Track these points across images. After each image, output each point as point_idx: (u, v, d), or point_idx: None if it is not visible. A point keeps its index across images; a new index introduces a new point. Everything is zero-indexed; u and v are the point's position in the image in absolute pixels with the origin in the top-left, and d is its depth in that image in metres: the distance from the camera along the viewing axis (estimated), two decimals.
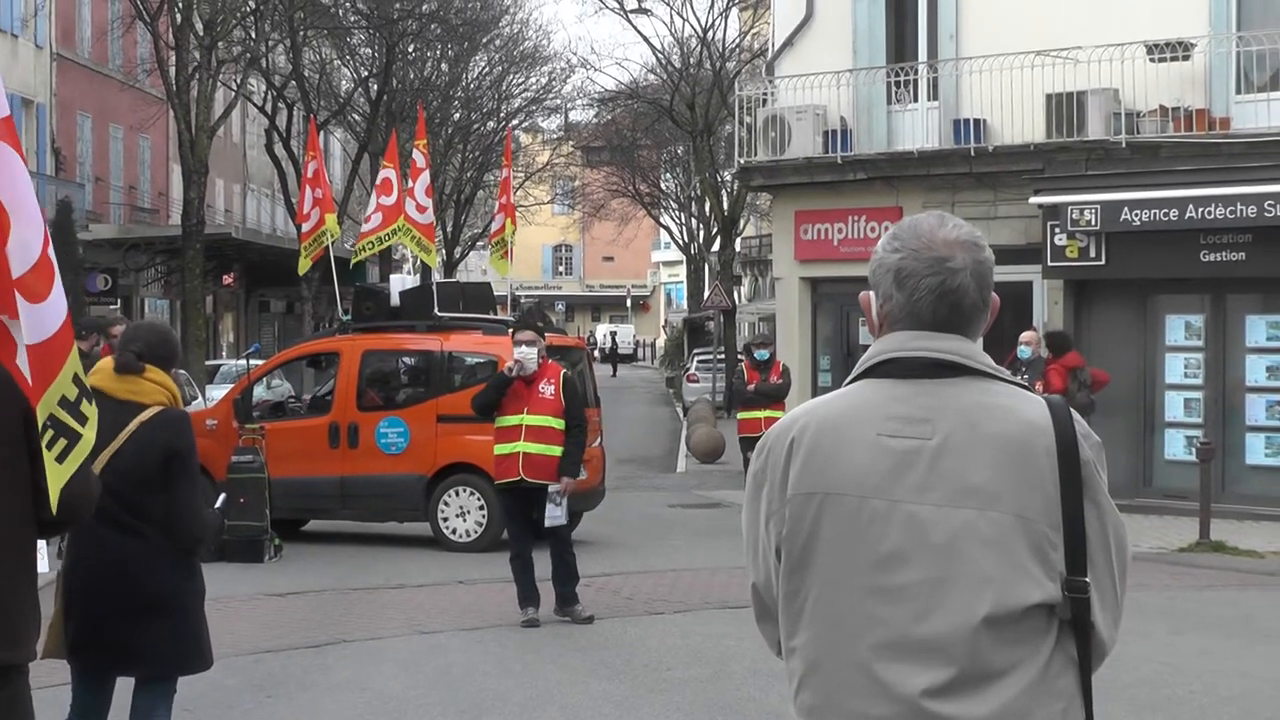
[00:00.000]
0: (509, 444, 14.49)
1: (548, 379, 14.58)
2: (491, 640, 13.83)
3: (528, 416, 14.44)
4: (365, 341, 21.18)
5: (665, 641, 13.60)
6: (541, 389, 14.48)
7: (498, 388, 14.62)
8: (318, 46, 54.77)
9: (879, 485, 3.38)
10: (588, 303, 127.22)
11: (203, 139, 39.69)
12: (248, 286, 60.21)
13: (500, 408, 14.55)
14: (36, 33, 46.97)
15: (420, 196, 23.57)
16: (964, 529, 3.31)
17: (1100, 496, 3.39)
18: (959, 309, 3.46)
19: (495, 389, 14.64)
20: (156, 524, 7.11)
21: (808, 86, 27.54)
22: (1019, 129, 24.93)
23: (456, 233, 69.25)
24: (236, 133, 64.63)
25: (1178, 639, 13.74)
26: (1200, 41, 23.57)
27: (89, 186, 49.58)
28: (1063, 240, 23.78)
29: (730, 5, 58.15)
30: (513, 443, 14.46)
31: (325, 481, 20.54)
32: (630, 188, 77.90)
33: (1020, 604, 3.28)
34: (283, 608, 15.84)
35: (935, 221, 3.53)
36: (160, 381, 7.29)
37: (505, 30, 62.86)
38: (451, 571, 18.02)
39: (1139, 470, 23.88)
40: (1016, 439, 3.35)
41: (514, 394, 14.49)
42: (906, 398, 3.43)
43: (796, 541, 3.46)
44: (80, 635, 7.16)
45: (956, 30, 26.46)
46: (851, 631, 3.37)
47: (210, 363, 42.78)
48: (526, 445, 14.42)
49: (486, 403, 14.68)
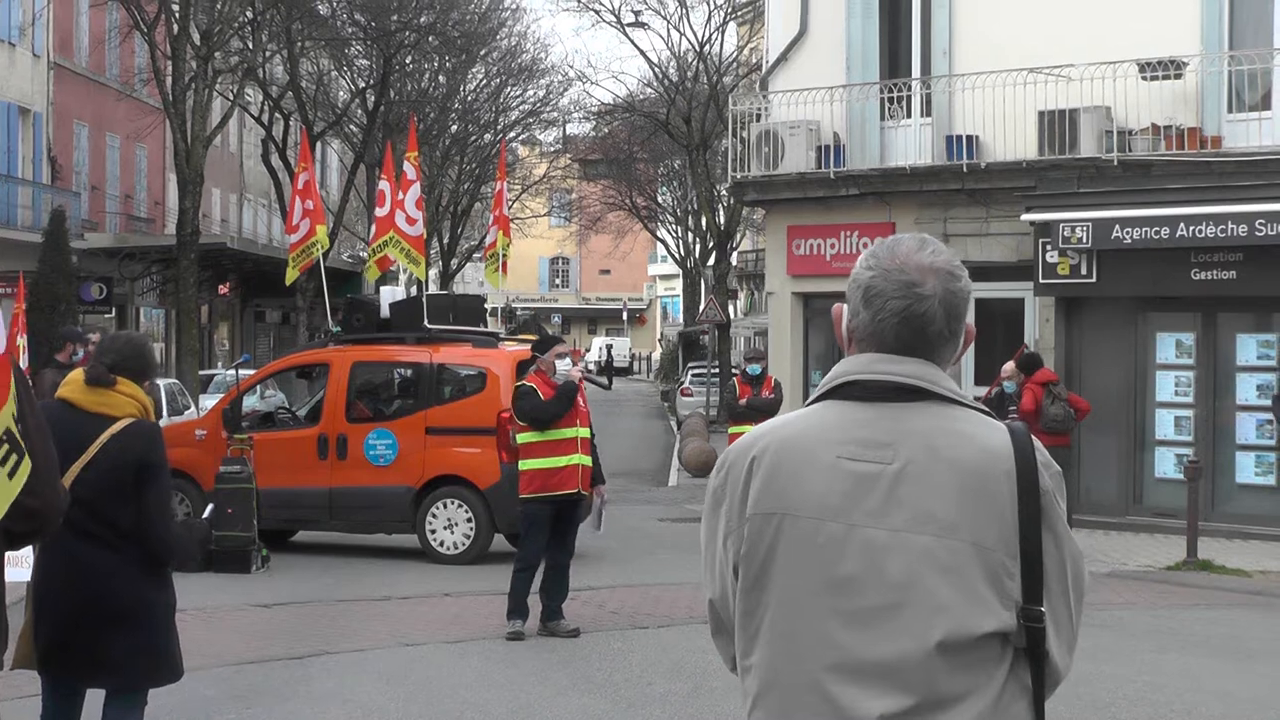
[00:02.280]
0: (566, 456, 14.48)
1: (582, 393, 14.91)
2: (475, 653, 13.82)
3: (581, 429, 14.63)
4: (355, 353, 21.20)
5: (647, 656, 13.59)
6: (580, 401, 14.76)
7: (570, 398, 14.58)
8: (315, 57, 54.80)
9: (837, 508, 3.37)
10: (584, 315, 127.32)
11: (198, 149, 39.71)
12: (243, 296, 60.23)
13: (559, 419, 14.59)
14: (34, 41, 47.00)
15: (410, 208, 23.50)
16: (921, 555, 3.30)
17: (1058, 525, 3.37)
18: (923, 334, 3.43)
19: (569, 400, 14.56)
20: (127, 536, 7.10)
21: (801, 102, 27.56)
22: (1011, 146, 24.94)
23: (453, 245, 69.29)
24: (234, 143, 64.68)
25: (1161, 658, 13.73)
26: (1192, 60, 23.60)
27: (85, 195, 49.60)
28: (1054, 257, 23.80)
29: (727, 20, 58.30)
30: (569, 455, 14.49)
31: (313, 493, 20.52)
32: (627, 201, 78.04)
33: (975, 632, 3.27)
34: (268, 618, 15.82)
35: (915, 244, 3.49)
36: (132, 394, 7.27)
37: (503, 43, 62.94)
38: (438, 584, 17.99)
39: (1129, 488, 23.87)
40: (976, 466, 3.33)
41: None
42: (868, 421, 3.41)
43: (754, 561, 3.45)
44: (50, 646, 7.14)
45: (950, 47, 26.47)
46: (807, 653, 3.36)
47: (204, 372, 42.76)
48: (583, 457, 14.60)
49: (560, 413, 14.54)
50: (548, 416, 14.52)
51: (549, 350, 14.99)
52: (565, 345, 15.31)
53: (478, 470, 19.91)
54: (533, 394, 14.56)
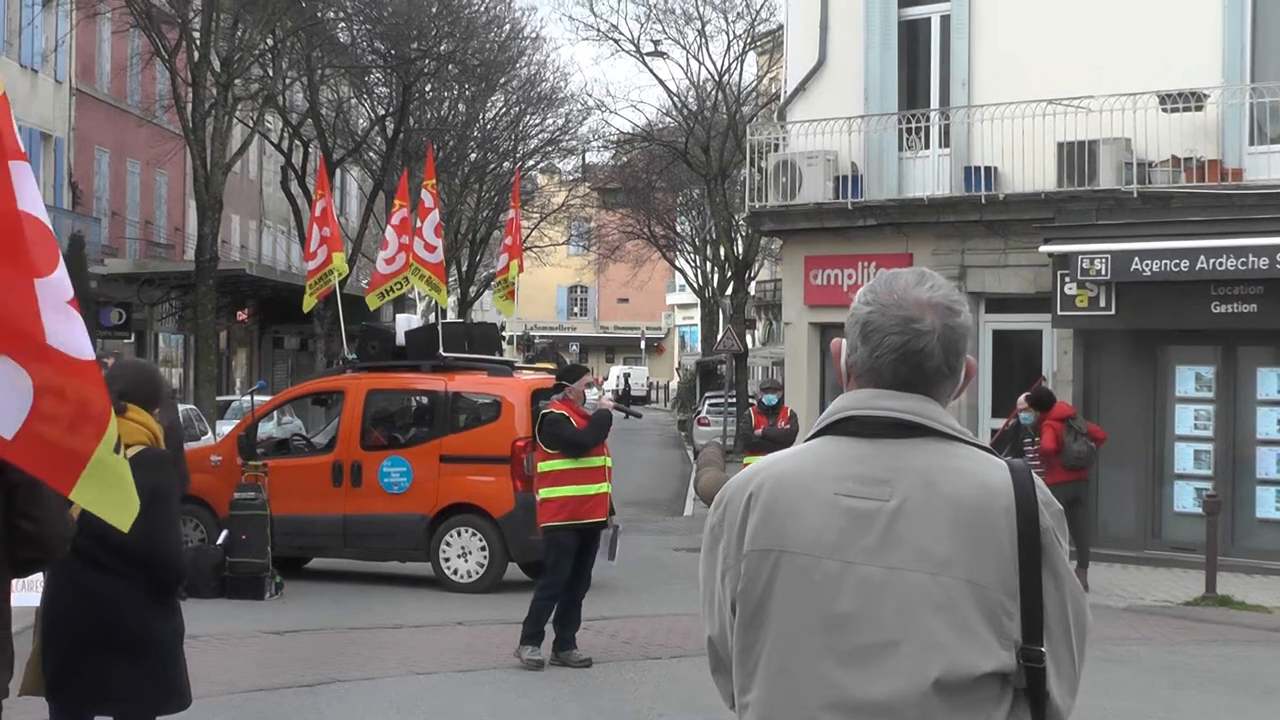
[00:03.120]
0: (595, 484, 14.61)
1: None
2: (486, 682, 13.77)
3: (608, 458, 14.82)
4: (370, 380, 21.20)
5: (659, 687, 13.53)
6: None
7: (606, 427, 14.77)
8: (335, 85, 54.91)
9: (834, 545, 3.33)
10: (602, 344, 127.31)
11: (217, 175, 39.76)
12: (261, 323, 60.28)
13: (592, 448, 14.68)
14: (56, 68, 47.14)
15: (429, 236, 23.53)
16: (916, 593, 3.25)
17: (1059, 565, 3.32)
18: (920, 370, 3.39)
19: (604, 428, 14.75)
20: (135, 563, 7.07)
21: (819, 132, 27.54)
22: (1030, 177, 24.87)
23: (471, 273, 69.34)
24: (253, 169, 64.80)
25: (1178, 694, 13.64)
26: (1213, 92, 23.53)
27: (105, 221, 49.69)
28: (1073, 289, 23.71)
29: (746, 50, 58.34)
30: (598, 484, 14.63)
31: (327, 520, 20.50)
32: (645, 230, 78.04)
33: (972, 672, 3.22)
34: (280, 645, 15.78)
35: (914, 279, 3.45)
36: (142, 421, 7.25)
37: (522, 71, 62.98)
38: (451, 612, 17.95)
39: (1148, 522, 23.74)
40: (974, 503, 3.29)
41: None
42: (865, 457, 3.37)
43: (751, 598, 3.41)
44: (58, 673, 7.12)
45: (969, 78, 26.43)
46: (803, 690, 3.32)
47: (222, 398, 42.77)
48: (608, 486, 14.77)
49: (597, 441, 14.68)
50: (586, 444, 14.56)
51: (578, 379, 15.04)
52: (590, 375, 15.40)
53: (492, 499, 19.87)
54: (566, 421, 14.54)
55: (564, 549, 14.58)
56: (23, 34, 44.33)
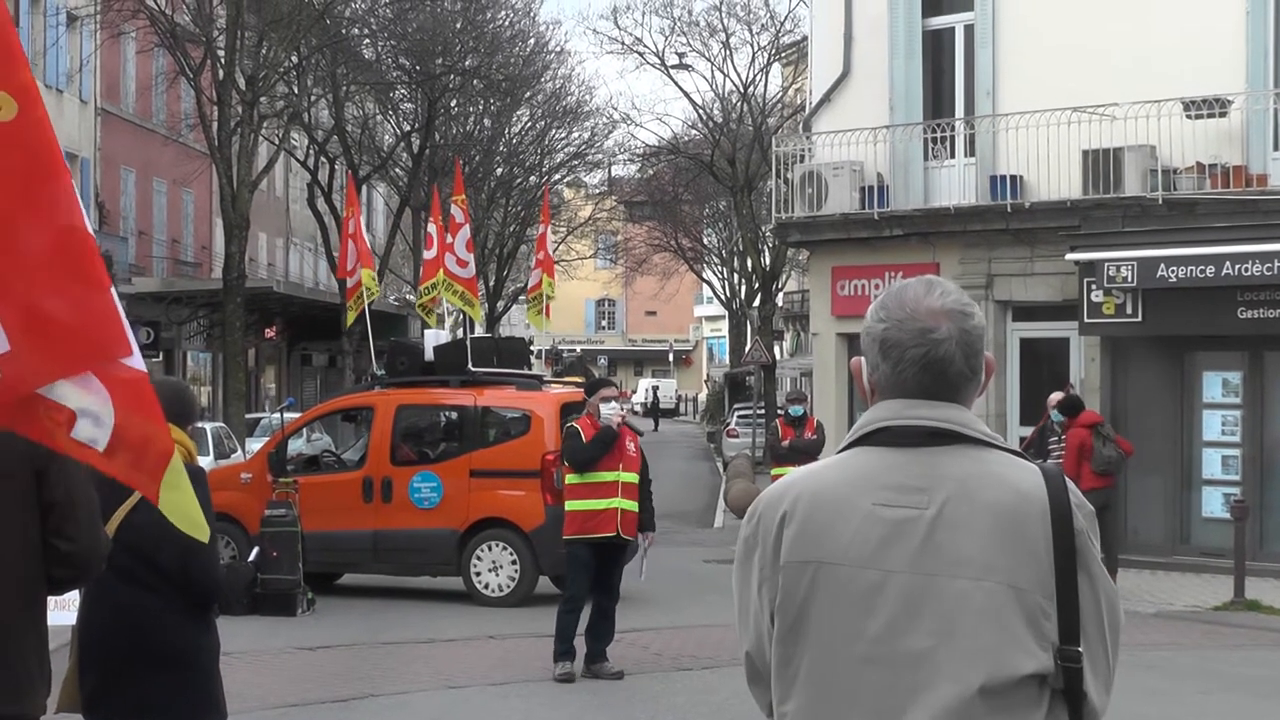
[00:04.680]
0: (605, 500, 14.52)
1: (630, 437, 14.90)
2: (517, 695, 13.82)
3: (624, 473, 14.62)
4: (399, 396, 21.27)
5: (691, 698, 13.56)
6: (627, 445, 14.76)
7: (608, 442, 14.59)
8: (360, 101, 55.03)
9: (873, 555, 3.37)
10: (630, 357, 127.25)
11: (244, 193, 39.86)
12: (289, 340, 60.38)
13: (597, 463, 14.60)
14: (81, 88, 47.36)
15: (461, 251, 23.61)
16: (958, 599, 3.30)
17: (1093, 566, 3.37)
18: (944, 378, 3.44)
19: (605, 444, 14.59)
20: (171, 579, 7.12)
21: (845, 143, 27.57)
22: (1056, 185, 24.87)
23: (499, 287, 69.42)
24: (280, 187, 64.96)
25: (1207, 699, 13.64)
26: (1238, 98, 23.52)
27: (132, 240, 49.87)
28: (1099, 297, 23.70)
29: (771, 61, 58.31)
30: (609, 499, 14.53)
31: (358, 535, 20.57)
32: (672, 242, 78.01)
33: (1014, 674, 3.27)
34: (312, 661, 15.85)
35: (922, 289, 3.49)
36: (176, 438, 7.30)
37: (547, 86, 63.01)
38: (483, 626, 18.00)
39: (1176, 528, 23.73)
40: (1010, 508, 3.34)
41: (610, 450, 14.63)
42: (901, 466, 3.42)
43: (790, 609, 3.45)
44: (95, 690, 7.16)
45: (994, 87, 26.45)
46: (845, 700, 3.36)
47: (251, 416, 42.89)
48: (623, 502, 14.58)
49: (596, 457, 14.58)
50: (583, 459, 14.58)
51: (595, 393, 15.07)
52: (613, 389, 15.42)
53: (522, 513, 19.93)
54: (576, 436, 14.62)
55: (577, 562, 14.70)
56: (47, 55, 44.50)
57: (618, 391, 15.48)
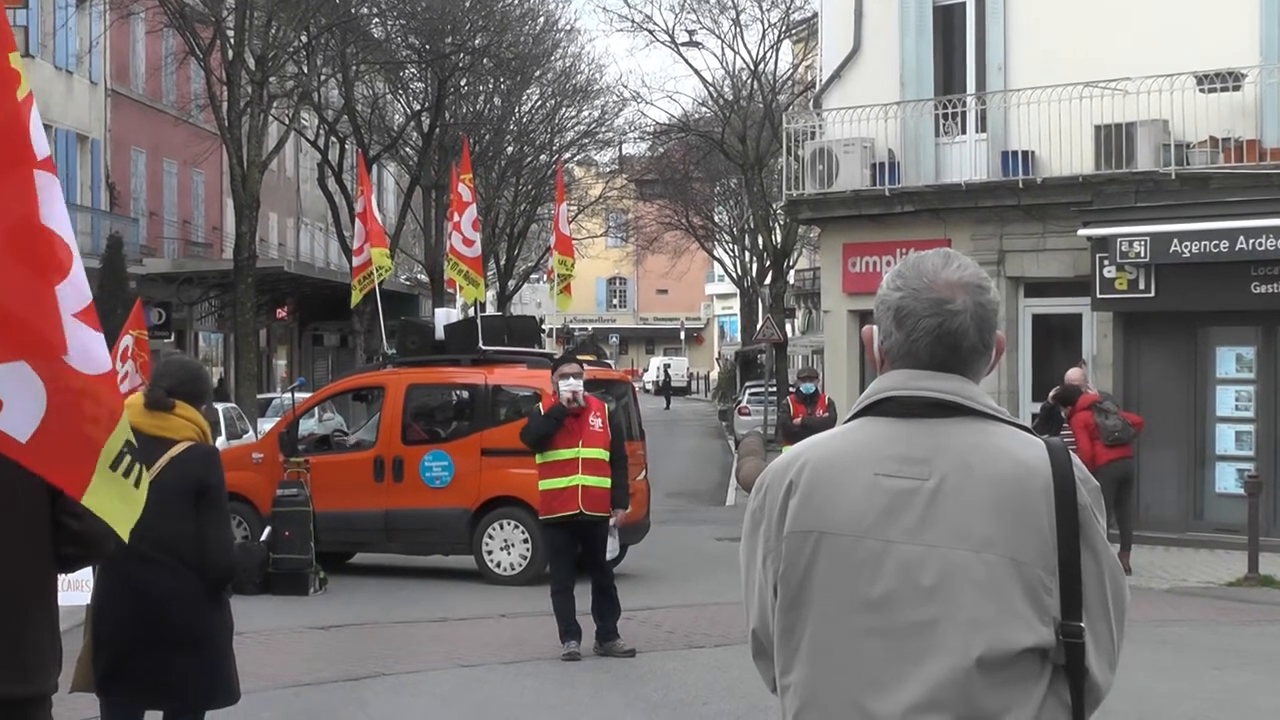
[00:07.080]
0: (565, 478, 14.39)
1: (595, 412, 14.65)
2: (530, 674, 13.82)
3: (583, 450, 14.43)
4: (410, 375, 21.25)
5: (703, 676, 13.54)
6: (591, 422, 14.53)
7: (556, 419, 14.44)
8: (370, 81, 54.99)
9: (874, 525, 3.36)
10: (642, 335, 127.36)
11: (254, 173, 39.84)
12: (301, 320, 60.43)
13: (552, 441, 14.49)
14: (91, 69, 47.33)
15: (467, 230, 23.55)
16: (957, 571, 3.29)
17: (1097, 541, 3.36)
18: (957, 351, 3.43)
19: (554, 421, 14.44)
20: (185, 559, 7.12)
21: (855, 119, 27.50)
22: (1068, 161, 24.80)
23: (509, 266, 69.40)
24: (290, 167, 64.93)
25: (1220, 674, 13.61)
26: (1251, 72, 23.43)
27: (143, 221, 49.85)
28: (1112, 272, 23.64)
29: (781, 38, 58.20)
30: (569, 476, 14.38)
31: (370, 515, 20.58)
32: (683, 220, 77.97)
33: (1013, 648, 3.26)
34: (324, 640, 15.87)
35: (940, 261, 3.50)
36: (190, 417, 7.31)
37: (557, 64, 62.96)
38: (494, 605, 18.01)
39: (1190, 504, 23.69)
40: (1013, 481, 3.33)
41: (566, 427, 14.45)
42: (904, 437, 3.41)
43: (792, 579, 3.44)
44: (109, 669, 7.18)
45: (1005, 62, 26.37)
46: (845, 670, 3.35)
47: (262, 396, 42.91)
48: (585, 479, 14.39)
49: (544, 435, 14.46)
50: (533, 438, 14.63)
51: (556, 370, 14.95)
52: (574, 365, 15.01)
53: (534, 491, 19.80)
54: (534, 415, 14.65)
55: (552, 544, 14.81)
56: (57, 36, 44.51)
57: (579, 368, 15.03)
